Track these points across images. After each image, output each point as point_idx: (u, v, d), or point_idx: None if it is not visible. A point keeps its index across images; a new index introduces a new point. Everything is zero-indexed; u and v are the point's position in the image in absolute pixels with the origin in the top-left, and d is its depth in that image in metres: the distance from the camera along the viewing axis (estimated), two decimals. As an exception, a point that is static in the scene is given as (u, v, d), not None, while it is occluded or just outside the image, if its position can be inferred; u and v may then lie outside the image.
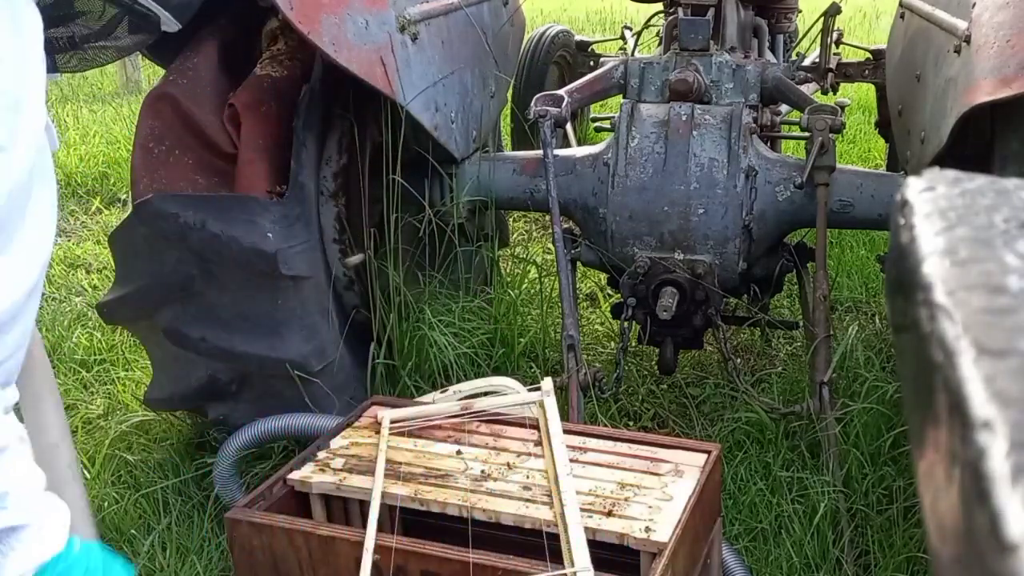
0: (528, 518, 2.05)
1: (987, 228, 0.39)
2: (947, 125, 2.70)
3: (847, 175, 3.48)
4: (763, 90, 3.67)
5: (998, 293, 0.35)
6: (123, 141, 6.77)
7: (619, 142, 3.46)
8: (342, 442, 2.38)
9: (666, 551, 1.91)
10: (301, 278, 2.97)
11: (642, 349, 3.95)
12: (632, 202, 3.41)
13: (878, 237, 4.85)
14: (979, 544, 0.30)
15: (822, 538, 2.79)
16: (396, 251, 3.38)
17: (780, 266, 3.55)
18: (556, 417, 2.38)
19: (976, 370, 0.32)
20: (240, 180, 2.97)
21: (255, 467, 3.14)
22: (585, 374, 3.15)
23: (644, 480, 2.17)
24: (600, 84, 3.88)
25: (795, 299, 4.34)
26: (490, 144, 3.99)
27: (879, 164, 6.02)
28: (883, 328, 4.17)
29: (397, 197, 3.32)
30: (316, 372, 3.01)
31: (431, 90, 3.28)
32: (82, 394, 3.74)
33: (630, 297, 3.41)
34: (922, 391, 0.36)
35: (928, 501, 0.35)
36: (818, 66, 4.63)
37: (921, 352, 0.36)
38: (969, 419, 0.31)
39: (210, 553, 2.87)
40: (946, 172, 0.44)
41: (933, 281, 0.36)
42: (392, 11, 3.07)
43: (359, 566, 1.92)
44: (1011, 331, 0.33)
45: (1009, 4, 2.54)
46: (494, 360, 3.53)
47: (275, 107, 3.04)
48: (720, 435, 3.32)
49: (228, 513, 2.15)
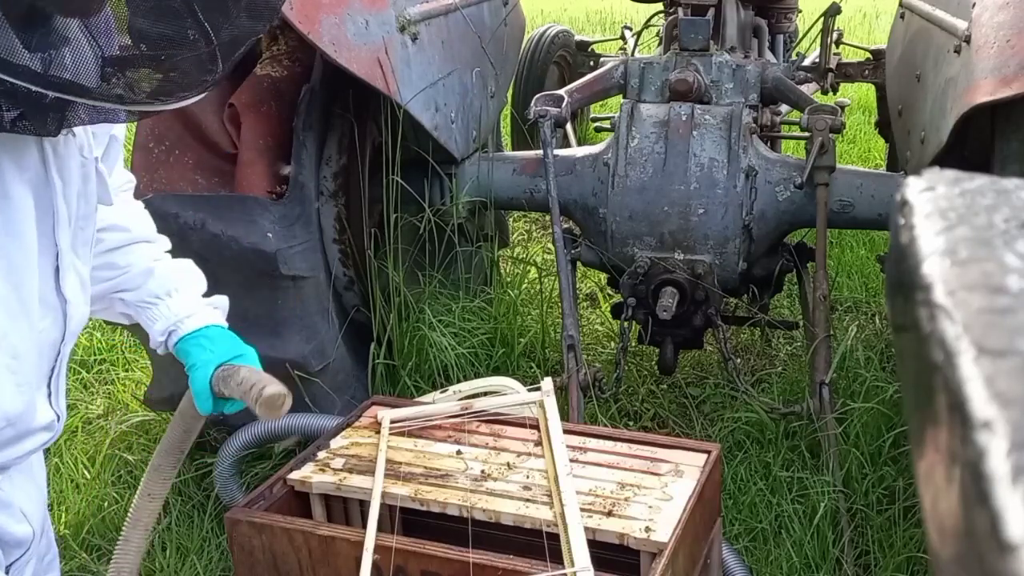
0: (528, 518, 2.05)
1: (987, 228, 0.39)
2: (947, 125, 2.70)
3: (847, 175, 3.49)
4: (763, 90, 3.67)
5: (998, 293, 0.35)
6: (123, 141, 6.76)
7: (619, 142, 3.46)
8: (342, 442, 2.38)
9: (666, 551, 1.91)
10: (301, 278, 2.97)
11: (642, 349, 3.95)
12: (632, 202, 3.41)
13: (878, 237, 4.85)
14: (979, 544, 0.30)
15: (822, 538, 2.79)
16: (396, 251, 3.38)
17: (780, 266, 3.55)
18: (556, 417, 2.38)
19: (976, 370, 0.32)
20: (240, 180, 2.97)
21: (255, 467, 3.14)
22: (585, 374, 3.14)
23: (644, 480, 2.17)
24: (600, 84, 3.88)
25: (795, 299, 4.34)
26: (490, 144, 3.99)
27: (879, 164, 6.02)
28: (883, 328, 4.17)
29: (397, 197, 3.32)
30: (316, 372, 3.01)
31: (431, 90, 3.27)
32: (82, 394, 3.74)
33: (630, 297, 3.41)
34: (922, 391, 0.36)
35: (928, 501, 0.35)
36: (818, 66, 4.63)
37: (921, 352, 0.36)
38: (969, 419, 0.31)
39: (210, 553, 2.87)
40: (946, 172, 0.44)
41: (933, 281, 0.36)
42: (392, 11, 3.07)
43: (359, 566, 1.92)
44: (1011, 331, 0.33)
45: (1009, 4, 2.54)
46: (494, 360, 3.52)
47: (275, 107, 3.04)
48: (720, 435, 3.32)
49: (228, 513, 2.15)
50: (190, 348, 1.73)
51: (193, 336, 1.74)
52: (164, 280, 1.75)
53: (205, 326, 1.76)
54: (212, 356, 1.72)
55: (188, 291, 1.79)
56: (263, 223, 2.87)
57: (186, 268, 1.84)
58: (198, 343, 1.74)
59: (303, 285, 2.99)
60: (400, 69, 3.05)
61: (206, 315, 1.79)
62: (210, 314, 1.80)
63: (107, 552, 2.92)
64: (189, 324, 1.75)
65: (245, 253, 2.84)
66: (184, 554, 2.87)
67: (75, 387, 3.76)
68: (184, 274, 1.82)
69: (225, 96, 3.02)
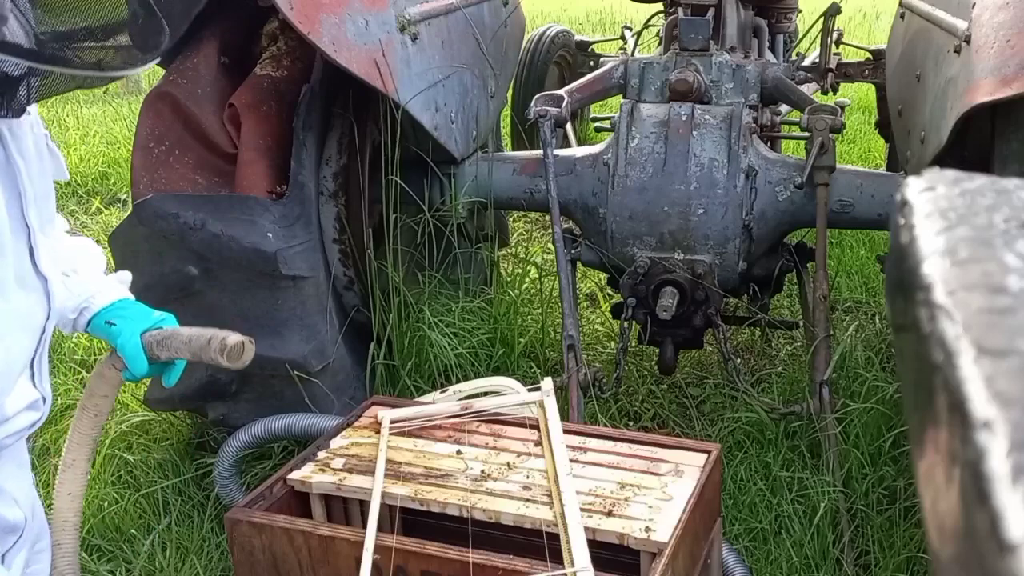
0: (528, 518, 2.05)
1: (987, 228, 0.39)
2: (947, 125, 2.70)
3: (847, 175, 3.49)
4: (763, 90, 3.67)
5: (998, 293, 0.35)
6: (123, 141, 6.77)
7: (619, 142, 3.46)
8: (342, 442, 2.38)
9: (666, 551, 1.91)
10: (301, 278, 2.97)
11: (642, 349, 3.95)
12: (632, 202, 3.41)
13: (878, 237, 4.85)
14: (979, 544, 0.30)
15: (822, 538, 2.79)
16: (396, 251, 3.38)
17: (780, 266, 3.55)
18: (556, 417, 2.38)
19: (976, 370, 0.32)
20: (240, 180, 2.97)
21: (255, 467, 3.14)
22: (585, 374, 3.14)
23: (644, 480, 2.17)
24: (600, 84, 3.88)
25: (795, 299, 4.34)
26: (490, 144, 3.99)
27: (879, 164, 6.02)
28: (883, 328, 4.17)
29: (397, 197, 3.32)
30: (316, 372, 3.01)
31: (431, 90, 3.27)
32: (82, 394, 3.73)
33: (630, 297, 3.41)
34: (922, 391, 0.36)
35: (928, 501, 0.35)
36: (818, 66, 4.63)
37: (921, 352, 0.36)
38: (969, 419, 0.31)
39: (210, 553, 2.87)
40: (946, 172, 0.44)
41: (933, 281, 0.36)
42: (392, 11, 3.07)
43: (359, 566, 1.92)
44: (1011, 331, 0.33)
45: (1009, 4, 2.54)
46: (494, 360, 3.52)
47: (275, 107, 3.04)
48: (720, 435, 3.32)
49: (228, 513, 2.15)
50: (111, 317, 1.71)
51: (108, 309, 1.72)
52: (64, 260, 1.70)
53: (118, 299, 1.75)
54: (135, 323, 1.70)
55: (89, 270, 1.76)
56: (263, 223, 2.87)
57: (84, 246, 1.81)
58: (116, 313, 1.72)
59: (303, 285, 2.99)
60: (400, 69, 3.05)
61: (115, 290, 1.77)
62: (118, 289, 1.78)
63: (107, 552, 2.92)
64: (100, 300, 1.73)
65: (245, 253, 2.84)
66: (184, 554, 2.87)
67: (75, 387, 3.75)
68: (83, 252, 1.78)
69: (225, 96, 3.02)
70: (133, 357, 1.69)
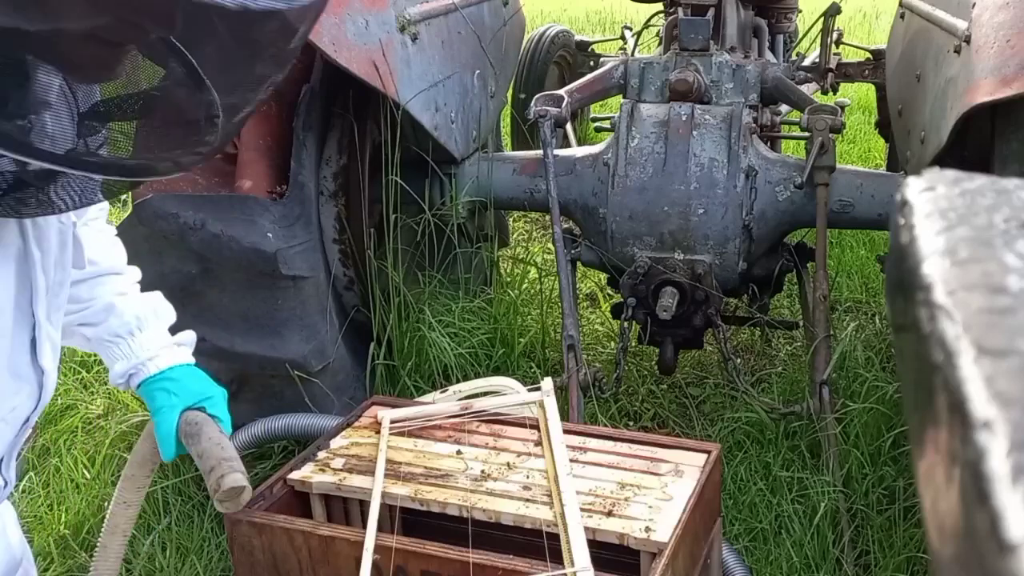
0: (528, 518, 2.05)
1: (987, 228, 0.39)
2: (947, 125, 2.70)
3: (847, 175, 3.49)
4: (763, 90, 3.67)
5: (998, 293, 0.35)
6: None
7: (619, 142, 3.46)
8: (342, 442, 2.37)
9: (666, 551, 1.91)
10: (301, 278, 2.97)
11: (642, 349, 3.95)
12: (632, 202, 3.41)
13: (878, 237, 4.85)
14: (979, 544, 0.30)
15: (822, 538, 2.79)
16: (396, 251, 3.38)
17: (780, 266, 3.55)
18: (556, 417, 2.38)
19: (976, 370, 0.32)
20: (240, 180, 2.97)
21: (255, 467, 3.14)
22: (585, 374, 3.15)
23: (644, 480, 2.17)
24: (600, 84, 3.88)
25: (795, 299, 4.34)
26: (490, 144, 3.99)
27: (879, 164, 6.02)
28: (883, 328, 4.17)
29: (397, 197, 3.32)
30: (316, 372, 3.01)
31: (431, 90, 3.28)
32: (82, 394, 3.74)
33: (630, 297, 3.41)
34: (922, 391, 0.36)
35: (928, 501, 0.35)
36: (818, 66, 4.63)
37: (921, 352, 0.36)
38: (969, 419, 0.31)
39: (210, 553, 2.87)
40: (946, 172, 0.43)
41: (933, 281, 0.36)
42: (392, 11, 3.07)
43: (359, 566, 1.92)
44: (1011, 331, 0.33)
45: (1009, 4, 2.54)
46: (494, 360, 3.53)
47: (275, 107, 3.04)
48: (720, 435, 3.32)
49: (228, 513, 2.15)
50: (154, 392, 1.67)
51: (157, 379, 1.68)
52: (128, 317, 1.67)
53: (170, 367, 1.70)
54: (177, 400, 1.66)
55: (152, 329, 1.71)
56: (263, 223, 2.88)
57: (153, 302, 1.75)
58: (162, 387, 1.67)
59: (303, 285, 2.99)
60: (400, 69, 3.05)
61: (171, 355, 1.71)
62: (176, 353, 1.72)
63: (107, 552, 2.92)
64: (152, 366, 1.69)
65: (245, 253, 2.84)
66: (184, 554, 2.87)
67: (75, 387, 3.76)
68: (150, 310, 1.73)
69: (225, 96, 3.02)
70: (163, 440, 1.67)
